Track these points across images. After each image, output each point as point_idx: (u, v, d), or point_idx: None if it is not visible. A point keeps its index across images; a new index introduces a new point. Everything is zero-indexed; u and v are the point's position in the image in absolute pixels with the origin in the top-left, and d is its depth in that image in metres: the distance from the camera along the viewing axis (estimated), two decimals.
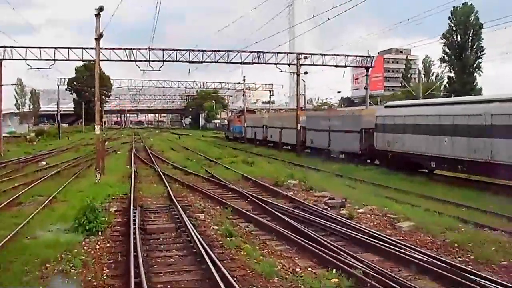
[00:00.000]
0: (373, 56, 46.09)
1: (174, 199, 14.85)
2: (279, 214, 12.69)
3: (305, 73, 37.61)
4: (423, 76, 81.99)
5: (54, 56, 34.92)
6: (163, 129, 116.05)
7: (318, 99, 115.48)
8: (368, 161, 25.98)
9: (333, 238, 10.61)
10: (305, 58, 37.06)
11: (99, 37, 18.75)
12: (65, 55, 35.29)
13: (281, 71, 40.41)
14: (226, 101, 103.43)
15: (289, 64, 38.78)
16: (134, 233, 10.19)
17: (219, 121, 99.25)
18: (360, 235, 10.53)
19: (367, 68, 42.10)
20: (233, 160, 28.40)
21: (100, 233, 10.87)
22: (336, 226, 11.41)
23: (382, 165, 24.29)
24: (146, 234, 10.89)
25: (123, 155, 34.71)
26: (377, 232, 10.85)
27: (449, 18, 63.46)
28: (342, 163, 26.71)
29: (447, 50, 64.95)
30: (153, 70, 37.60)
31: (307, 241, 9.84)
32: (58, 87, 68.89)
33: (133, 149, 38.11)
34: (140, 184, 19.35)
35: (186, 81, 78.14)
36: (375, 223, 12.41)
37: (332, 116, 31.79)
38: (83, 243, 10.14)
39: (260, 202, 14.52)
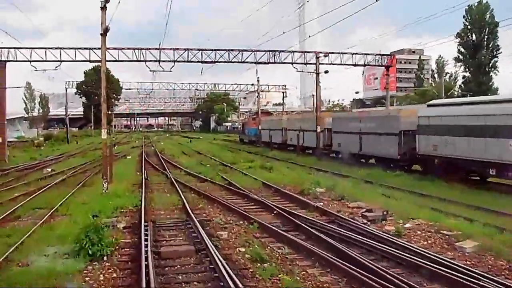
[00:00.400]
0: (392, 55, 44.13)
1: (191, 212, 13.06)
2: (314, 231, 10.86)
3: (326, 72, 35.63)
4: (436, 76, 79.91)
5: (60, 57, 33.48)
6: (173, 133, 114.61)
7: (329, 101, 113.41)
8: (405, 167, 23.64)
9: (386, 264, 8.78)
10: (325, 56, 35.07)
11: (105, 32, 17.07)
12: (72, 56, 33.83)
13: (297, 71, 38.76)
14: (237, 103, 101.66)
15: (306, 64, 36.86)
16: (146, 259, 8.42)
17: (230, 123, 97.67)
18: (419, 259, 8.68)
19: (387, 67, 40.06)
20: (250, 165, 26.59)
21: (105, 257, 9.10)
22: (385, 247, 9.53)
23: (426, 172, 21.80)
24: (161, 260, 9.09)
25: (133, 160, 33.26)
26: (436, 255, 8.97)
27: (464, 16, 61.61)
28: (369, 168, 24.71)
29: (462, 50, 62.92)
30: (163, 70, 36.00)
31: (357, 269, 8.00)
32: (66, 90, 67.84)
33: (143, 153, 36.57)
34: (152, 193, 17.66)
35: (196, 83, 76.80)
36: (429, 242, 10.50)
37: (364, 117, 28.79)
38: (85, 271, 8.39)
39: (289, 216, 12.66)
